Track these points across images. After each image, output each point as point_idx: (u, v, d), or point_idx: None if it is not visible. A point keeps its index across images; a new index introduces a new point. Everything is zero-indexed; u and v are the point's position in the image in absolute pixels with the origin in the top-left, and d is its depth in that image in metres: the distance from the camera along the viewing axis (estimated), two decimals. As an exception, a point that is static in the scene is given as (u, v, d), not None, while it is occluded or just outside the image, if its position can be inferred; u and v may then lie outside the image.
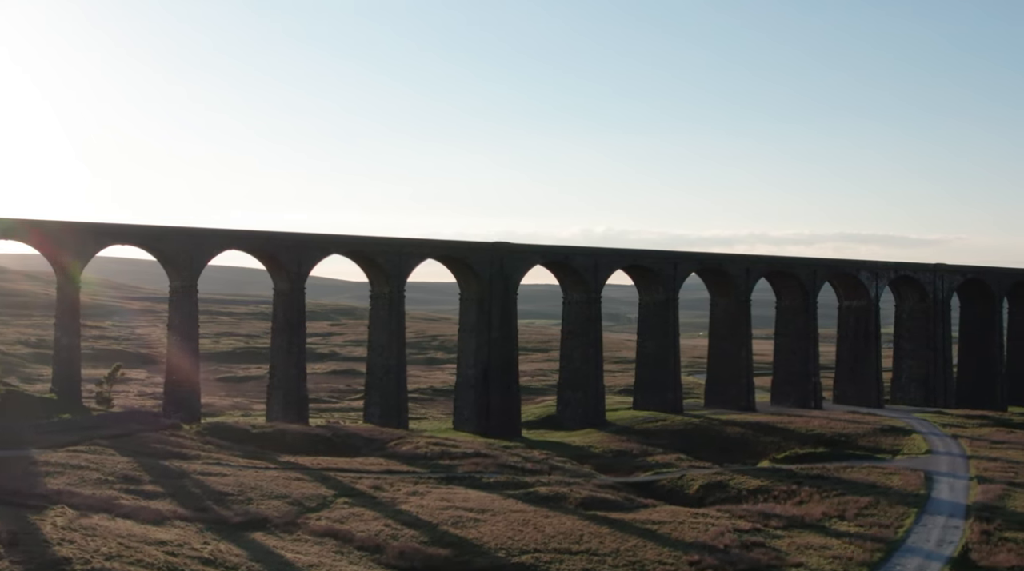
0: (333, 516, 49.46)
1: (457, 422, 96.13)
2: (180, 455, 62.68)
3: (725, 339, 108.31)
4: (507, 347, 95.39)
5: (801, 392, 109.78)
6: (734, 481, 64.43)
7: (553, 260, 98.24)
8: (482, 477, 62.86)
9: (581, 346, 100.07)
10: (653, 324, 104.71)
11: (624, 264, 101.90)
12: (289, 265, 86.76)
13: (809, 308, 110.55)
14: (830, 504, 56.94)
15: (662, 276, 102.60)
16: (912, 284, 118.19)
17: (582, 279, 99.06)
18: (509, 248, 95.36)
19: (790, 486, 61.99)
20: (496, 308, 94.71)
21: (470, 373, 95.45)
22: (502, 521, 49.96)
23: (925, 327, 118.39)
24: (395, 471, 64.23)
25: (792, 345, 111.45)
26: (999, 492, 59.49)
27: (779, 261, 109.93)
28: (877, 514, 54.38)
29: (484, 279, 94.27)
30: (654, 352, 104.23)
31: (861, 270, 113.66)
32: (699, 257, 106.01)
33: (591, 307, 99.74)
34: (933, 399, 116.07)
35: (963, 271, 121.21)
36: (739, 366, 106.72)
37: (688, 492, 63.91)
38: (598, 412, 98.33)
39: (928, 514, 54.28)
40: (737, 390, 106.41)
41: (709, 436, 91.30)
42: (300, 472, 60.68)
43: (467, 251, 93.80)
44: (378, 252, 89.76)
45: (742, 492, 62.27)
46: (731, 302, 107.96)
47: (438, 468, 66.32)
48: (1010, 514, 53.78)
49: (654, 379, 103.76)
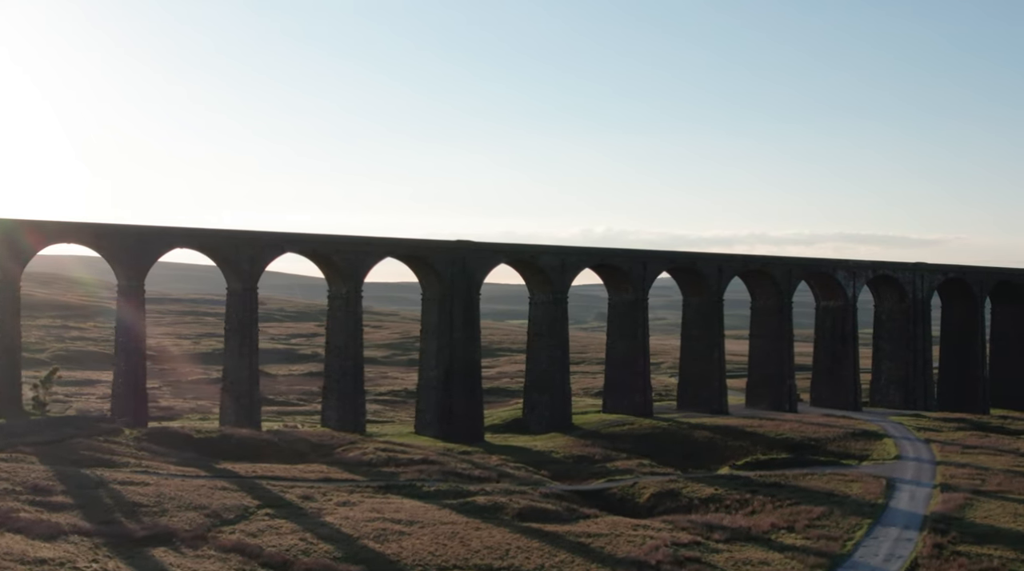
0: (249, 529, 46.78)
1: (419, 426, 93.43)
2: (107, 463, 60.01)
3: (697, 340, 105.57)
4: (470, 348, 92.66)
5: (776, 395, 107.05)
6: (687, 489, 61.76)
7: (518, 259, 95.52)
8: (423, 485, 60.20)
9: (548, 347, 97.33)
10: (622, 325, 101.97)
11: (592, 263, 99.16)
12: (241, 264, 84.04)
13: (784, 308, 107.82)
14: (781, 514, 54.26)
15: (631, 275, 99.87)
16: (891, 284, 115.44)
17: (548, 279, 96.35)
18: (471, 247, 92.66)
19: (744, 495, 59.34)
20: (458, 308, 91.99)
21: (431, 375, 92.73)
22: (429, 534, 47.28)
23: (905, 328, 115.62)
24: (334, 479, 61.54)
25: (767, 346, 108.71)
26: (961, 501, 56.84)
27: (753, 260, 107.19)
28: (828, 525, 51.71)
29: (446, 279, 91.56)
30: (623, 353, 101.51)
31: (838, 269, 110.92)
32: (669, 256, 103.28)
33: (557, 307, 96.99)
34: (912, 402, 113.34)
35: (944, 270, 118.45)
36: (711, 368, 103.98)
37: (639, 501, 61.24)
38: (565, 415, 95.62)
39: (882, 525, 51.62)
40: (709, 393, 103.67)
41: (676, 440, 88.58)
42: (230, 480, 57.99)
43: (427, 250, 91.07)
44: (334, 251, 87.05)
45: (694, 501, 59.62)
46: (703, 302, 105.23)
47: (381, 476, 63.65)
48: (968, 526, 51.11)
49: (623, 381, 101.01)
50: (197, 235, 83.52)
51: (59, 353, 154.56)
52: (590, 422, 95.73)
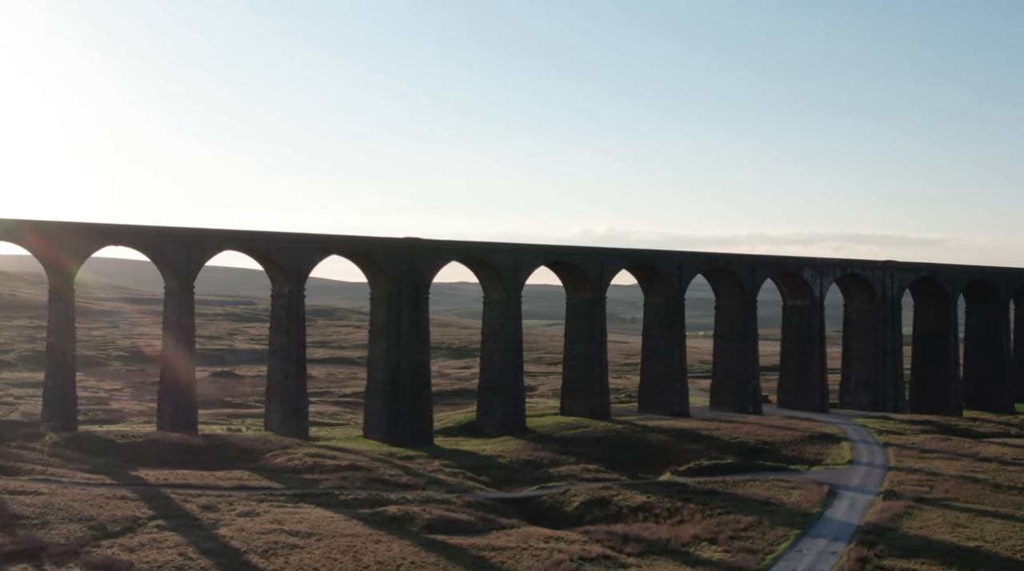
0: (129, 543, 43.96)
1: (367, 429, 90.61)
2: (9, 470, 57.20)
3: (659, 340, 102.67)
4: (418, 349, 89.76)
5: (740, 396, 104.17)
6: (619, 497, 58.95)
7: (469, 257, 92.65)
8: (340, 494, 57.41)
9: (501, 348, 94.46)
10: (580, 325, 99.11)
11: (547, 261, 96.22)
12: (179, 262, 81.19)
13: (748, 308, 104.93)
14: (708, 524, 51.46)
15: (589, 274, 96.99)
16: (860, 282, 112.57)
17: (501, 277, 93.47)
18: (420, 244, 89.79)
19: (675, 503, 56.54)
20: (406, 308, 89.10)
21: (378, 377, 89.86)
22: (323, 548, 44.47)
23: (874, 328, 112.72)
24: (249, 487, 58.72)
25: (731, 347, 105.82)
26: (901, 510, 54.06)
27: (716, 258, 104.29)
28: (754, 537, 48.89)
29: (393, 277, 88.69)
30: (581, 354, 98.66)
31: (804, 268, 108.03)
32: (628, 254, 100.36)
33: (510, 307, 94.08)
34: (882, 403, 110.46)
35: (915, 269, 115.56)
36: (672, 369, 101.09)
37: (567, 509, 58.46)
38: (518, 418, 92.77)
39: (810, 537, 48.82)
40: (670, 394, 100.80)
41: (629, 444, 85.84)
42: (135, 489, 55.21)
43: (374, 248, 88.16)
44: (274, 248, 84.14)
45: (623, 510, 56.85)
46: (664, 301, 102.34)
47: (301, 483, 60.84)
48: (900, 537, 48.28)
49: (581, 383, 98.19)
50: (133, 233, 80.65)
51: (26, 354, 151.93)
52: (545, 425, 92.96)
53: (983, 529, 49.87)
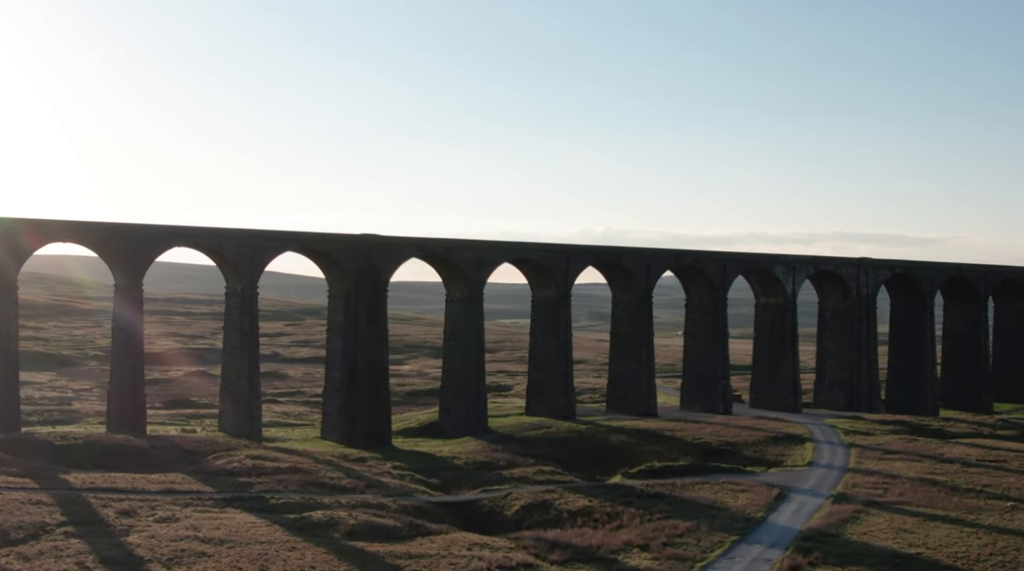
0: (28, 551, 41.98)
1: (324, 430, 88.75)
2: (-73, 474, 55.23)
3: (626, 339, 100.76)
4: (376, 348, 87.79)
5: (710, 396, 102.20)
6: (560, 501, 56.98)
7: (430, 254, 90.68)
8: (271, 498, 55.44)
9: (463, 348, 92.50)
10: (546, 323, 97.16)
11: (511, 258, 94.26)
12: (127, 259, 79.18)
13: (718, 305, 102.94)
14: (645, 530, 49.50)
15: (554, 272, 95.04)
16: (834, 280, 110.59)
17: (463, 275, 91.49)
18: (377, 241, 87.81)
19: (617, 507, 54.58)
20: (363, 306, 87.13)
21: (336, 377, 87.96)
22: (232, 557, 42.50)
23: (849, 326, 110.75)
24: (178, 491, 56.75)
25: (701, 346, 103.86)
26: (848, 514, 52.12)
27: (685, 255, 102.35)
28: (688, 543, 46.94)
29: (350, 274, 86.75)
30: (546, 353, 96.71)
31: (776, 264, 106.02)
32: (594, 250, 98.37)
33: (472, 305, 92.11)
34: (856, 403, 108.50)
35: (890, 266, 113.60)
36: (640, 368, 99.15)
37: (507, 514, 56.49)
38: (480, 419, 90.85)
39: (747, 543, 46.83)
40: (637, 394, 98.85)
41: (591, 445, 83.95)
42: (55, 493, 53.21)
43: (330, 244, 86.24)
44: (226, 245, 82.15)
45: (563, 514, 54.91)
46: (632, 299, 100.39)
47: (234, 486, 58.85)
48: (840, 543, 46.34)
49: (546, 382, 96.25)
50: (79, 229, 78.70)
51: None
52: (507, 426, 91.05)
53: (929, 535, 47.93)
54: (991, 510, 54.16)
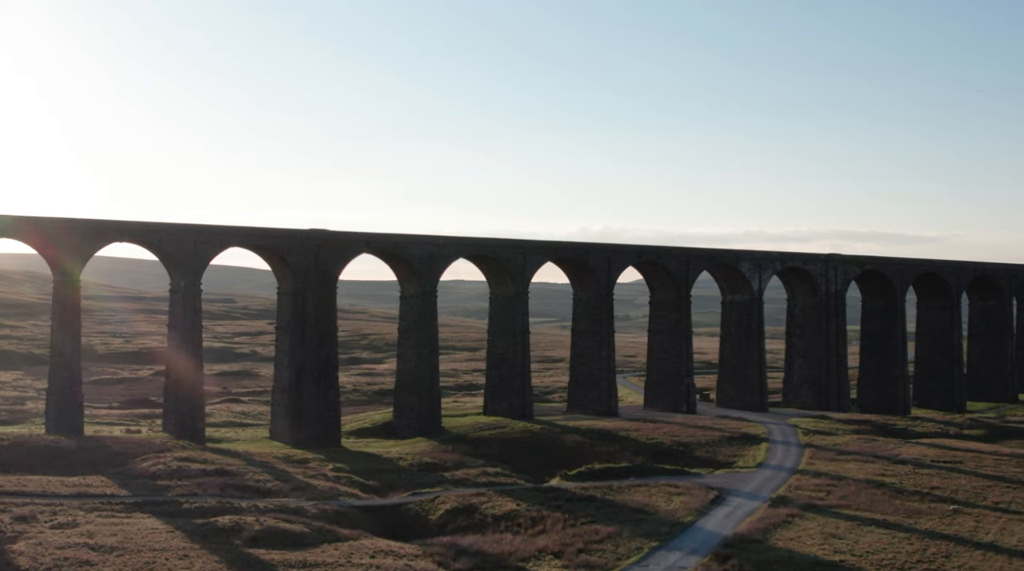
0: (-100, 559, 39.83)
1: (273, 431, 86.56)
2: None
3: (587, 337, 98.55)
4: (325, 347, 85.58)
5: (673, 395, 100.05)
6: (487, 505, 54.74)
7: (382, 250, 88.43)
8: (185, 502, 53.21)
9: (416, 345, 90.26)
10: (502, 321, 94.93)
11: (465, 253, 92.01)
12: (67, 256, 76.98)
13: (682, 302, 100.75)
14: (565, 536, 47.32)
15: (510, 268, 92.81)
16: (802, 276, 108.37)
17: (415, 271, 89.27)
18: (327, 237, 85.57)
19: (543, 511, 52.38)
20: (312, 304, 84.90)
21: (284, 376, 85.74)
22: (115, 566, 40.34)
23: (818, 323, 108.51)
24: (91, 495, 54.55)
25: (665, 343, 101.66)
26: (781, 519, 49.97)
27: (647, 250, 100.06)
28: (604, 550, 44.75)
29: (299, 271, 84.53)
30: (503, 351, 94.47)
31: (742, 261, 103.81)
32: (552, 246, 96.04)
33: (426, 302, 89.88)
34: (825, 402, 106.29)
35: (860, 262, 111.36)
36: (600, 367, 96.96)
37: (431, 518, 54.25)
38: (433, 418, 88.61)
39: (666, 550, 44.64)
40: (598, 393, 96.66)
41: (544, 445, 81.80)
42: (-44, 497, 51.04)
43: (276, 239, 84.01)
44: (167, 240, 79.88)
45: (487, 519, 52.66)
46: (592, 296, 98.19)
47: (152, 490, 56.67)
48: (762, 550, 44.15)
49: (503, 381, 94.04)
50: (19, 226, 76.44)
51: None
52: (462, 425, 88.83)
53: (859, 541, 45.78)
54: (932, 514, 52.04)
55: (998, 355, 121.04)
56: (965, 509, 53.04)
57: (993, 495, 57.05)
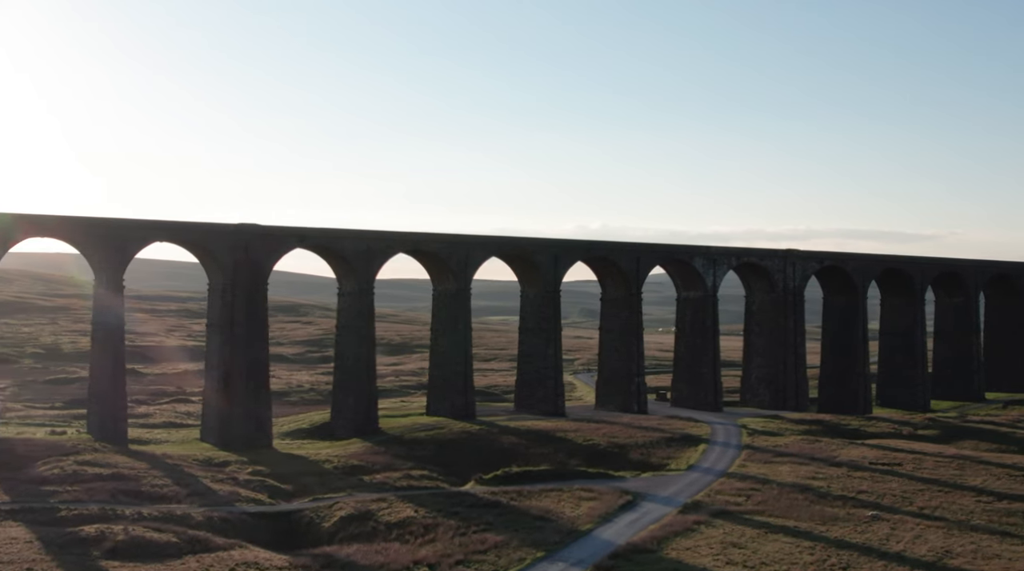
0: None
1: (203, 432, 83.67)
2: None
3: (534, 335, 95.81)
4: (255, 346, 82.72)
5: (624, 394, 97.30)
6: (385, 511, 51.99)
7: (315, 244, 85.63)
8: (63, 509, 50.46)
9: (353, 343, 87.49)
10: (444, 318, 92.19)
11: (405, 249, 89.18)
12: (-21, 251, 74.17)
13: (632, 299, 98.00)
14: (450, 545, 44.59)
15: (451, 264, 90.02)
16: (759, 272, 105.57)
17: (352, 267, 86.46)
18: (257, 231, 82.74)
19: (439, 518, 49.63)
20: (241, 301, 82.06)
21: (213, 376, 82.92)
22: (-51, 578, 37.60)
23: (776, 321, 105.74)
24: (-33, 500, 51.78)
25: (616, 342, 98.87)
26: (685, 526, 47.23)
27: (596, 246, 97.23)
28: (484, 561, 41.98)
29: (227, 267, 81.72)
30: (445, 350, 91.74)
31: (695, 257, 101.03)
32: (497, 242, 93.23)
33: (363, 298, 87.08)
34: (782, 401, 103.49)
35: (819, 258, 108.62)
36: (547, 365, 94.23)
37: (324, 525, 51.52)
38: (370, 419, 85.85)
39: (549, 561, 41.87)
40: (545, 393, 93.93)
41: (479, 447, 78.98)
42: None
43: (202, 233, 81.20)
44: (89, 235, 76.88)
45: (380, 526, 49.95)
46: (539, 293, 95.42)
47: (35, 496, 53.93)
48: (650, 562, 41.38)
49: (445, 380, 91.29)
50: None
51: None
52: (399, 426, 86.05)
53: (759, 550, 43.05)
54: (849, 520, 49.31)
55: (965, 353, 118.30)
56: (885, 515, 50.30)
57: (921, 500, 54.35)
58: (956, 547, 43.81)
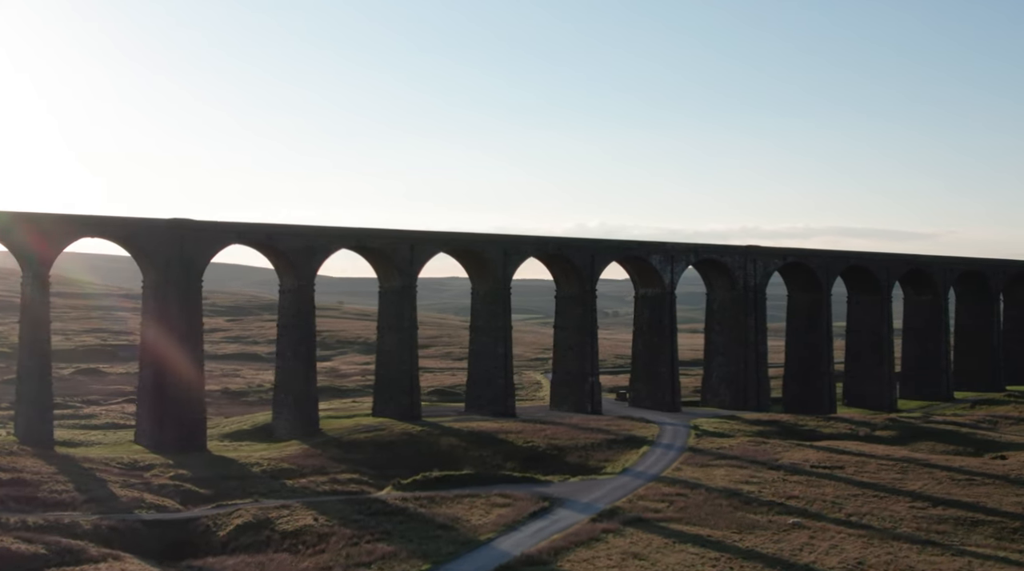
0: None
1: (138, 434, 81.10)
2: None
3: (484, 333, 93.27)
4: (190, 344, 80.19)
5: (578, 394, 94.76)
6: (284, 519, 49.47)
7: (253, 240, 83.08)
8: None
9: (294, 342, 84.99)
10: (390, 316, 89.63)
11: (346, 245, 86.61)
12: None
13: (586, 297, 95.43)
14: (337, 556, 42.23)
15: (396, 260, 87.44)
16: (719, 269, 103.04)
17: (291, 264, 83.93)
18: (191, 226, 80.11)
19: (336, 527, 47.14)
20: (174, 298, 79.50)
21: (147, 375, 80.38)
22: None
23: (737, 319, 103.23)
24: None
25: (570, 340, 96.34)
26: (591, 535, 44.82)
27: (548, 242, 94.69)
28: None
29: (159, 264, 79.13)
30: (391, 349, 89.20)
31: (652, 253, 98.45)
32: (444, 238, 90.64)
33: (303, 296, 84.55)
34: (743, 401, 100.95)
35: (782, 254, 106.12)
36: (497, 365, 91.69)
37: (220, 534, 48.98)
38: (310, 420, 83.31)
39: (434, 574, 39.38)
40: (494, 393, 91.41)
41: (419, 449, 76.51)
42: None
43: (132, 229, 78.58)
44: (13, 231, 74.11)
45: (275, 535, 47.44)
46: (489, 290, 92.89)
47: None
48: (539, 575, 38.91)
49: (391, 380, 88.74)
50: None
51: None
52: (341, 428, 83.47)
53: (659, 562, 40.58)
54: (768, 528, 46.84)
55: (933, 352, 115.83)
56: (808, 522, 47.85)
57: (852, 506, 51.89)
58: (871, 558, 41.36)
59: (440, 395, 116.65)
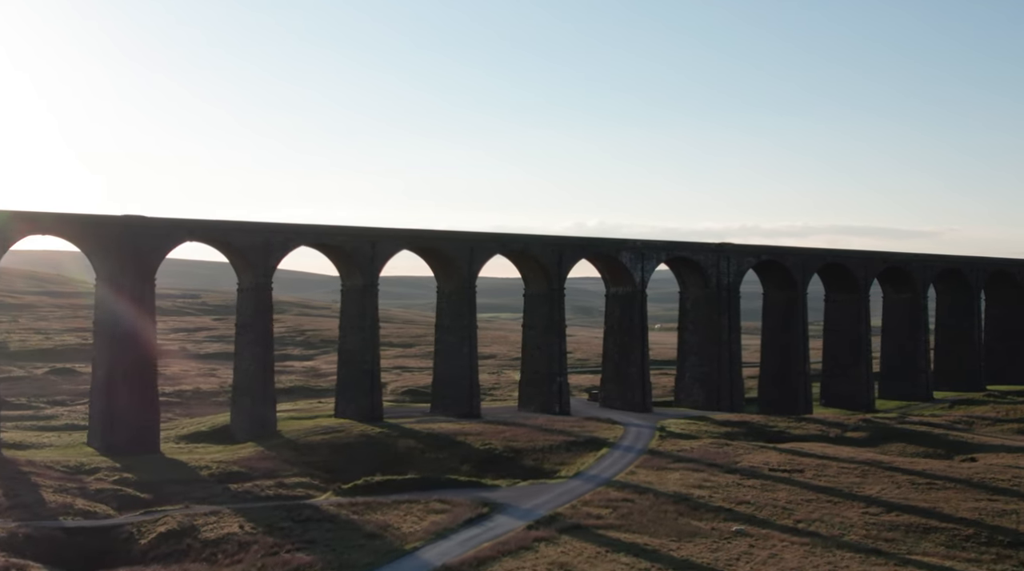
0: None
1: (90, 436, 79.30)
2: None
3: (449, 332, 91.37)
4: (141, 345, 78.28)
5: (546, 395, 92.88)
6: (209, 526, 47.56)
7: (207, 238, 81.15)
8: None
9: (250, 343, 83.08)
10: (352, 314, 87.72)
11: (307, 242, 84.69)
12: None
13: (554, 295, 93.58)
14: (253, 566, 40.45)
15: (357, 257, 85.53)
16: (692, 267, 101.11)
17: (248, 261, 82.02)
18: (142, 223, 78.22)
19: (259, 535, 45.29)
20: (126, 297, 77.58)
21: (98, 376, 78.49)
22: None
23: (711, 318, 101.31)
24: None
25: (538, 340, 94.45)
26: (522, 544, 42.95)
27: (514, 240, 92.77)
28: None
29: (110, 261, 77.24)
30: (353, 348, 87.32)
31: (622, 251, 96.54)
32: (407, 235, 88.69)
33: (259, 295, 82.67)
34: (717, 401, 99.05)
35: (755, 252, 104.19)
36: (462, 365, 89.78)
37: (142, 542, 47.07)
38: (267, 421, 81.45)
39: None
40: (459, 393, 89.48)
41: (374, 452, 74.53)
42: None
43: (86, 226, 76.63)
44: (-47, 228, 72.41)
45: (196, 544, 45.53)
46: (454, 289, 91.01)
47: None
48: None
49: (353, 380, 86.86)
50: None
51: None
52: (298, 429, 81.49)
53: (586, 573, 38.65)
54: (710, 536, 44.97)
55: (912, 351, 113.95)
56: (753, 529, 45.96)
57: (802, 511, 50.02)
58: (809, 567, 39.50)
59: (413, 395, 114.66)
